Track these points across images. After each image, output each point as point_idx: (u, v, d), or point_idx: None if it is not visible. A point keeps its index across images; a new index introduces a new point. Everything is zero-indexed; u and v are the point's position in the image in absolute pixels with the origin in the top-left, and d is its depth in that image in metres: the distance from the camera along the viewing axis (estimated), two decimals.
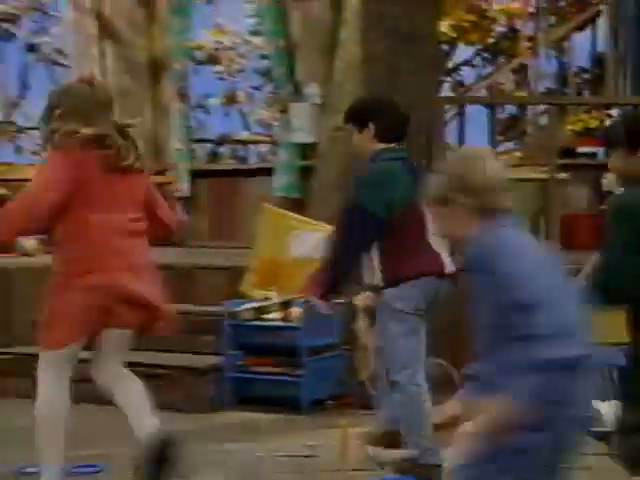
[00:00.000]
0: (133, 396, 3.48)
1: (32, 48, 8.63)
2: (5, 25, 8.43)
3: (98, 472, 3.68)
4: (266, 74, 8.70)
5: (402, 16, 5.22)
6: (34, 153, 8.62)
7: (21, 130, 8.69)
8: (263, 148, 9.10)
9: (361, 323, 4.97)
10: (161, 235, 3.58)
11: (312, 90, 7.38)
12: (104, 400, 4.74)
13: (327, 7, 7.08)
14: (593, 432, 3.14)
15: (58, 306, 3.27)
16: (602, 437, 3.42)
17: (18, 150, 8.59)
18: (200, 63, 8.76)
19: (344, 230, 3.64)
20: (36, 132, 8.68)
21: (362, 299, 5.02)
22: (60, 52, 8.36)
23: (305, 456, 3.92)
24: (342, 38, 5.47)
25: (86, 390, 4.88)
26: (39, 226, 3.28)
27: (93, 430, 4.37)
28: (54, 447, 3.31)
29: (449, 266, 3.60)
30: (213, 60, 8.76)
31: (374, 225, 3.53)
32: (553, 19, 10.21)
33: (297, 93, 7.58)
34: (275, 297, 5.07)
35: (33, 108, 8.40)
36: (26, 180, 8.24)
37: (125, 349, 3.53)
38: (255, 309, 5.00)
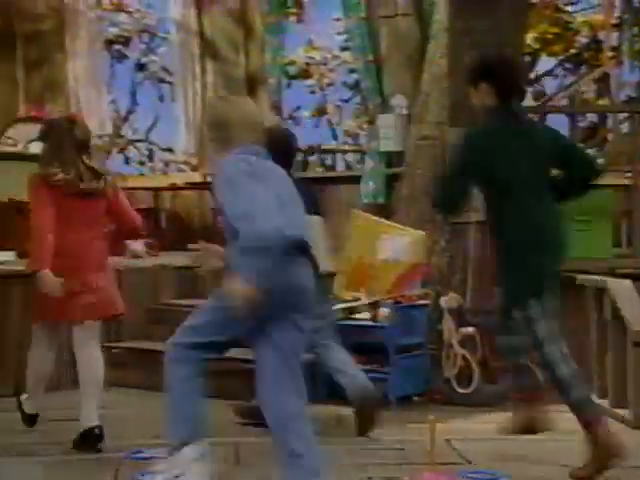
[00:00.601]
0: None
1: (141, 67, 8.91)
2: (117, 47, 8.73)
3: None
4: (354, 87, 8.74)
5: (489, 29, 5.15)
6: (141, 163, 8.90)
7: (130, 142, 8.98)
8: (350, 157, 9.13)
9: (447, 323, 4.94)
10: (129, 233, 4.33)
11: (399, 101, 7.36)
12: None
13: (414, 23, 7.07)
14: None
15: None
16: None
17: (127, 161, 8.89)
18: (292, 77, 8.87)
19: None
20: (143, 144, 8.97)
21: (448, 300, 5.00)
22: (166, 70, 8.60)
23: (395, 449, 3.91)
24: (429, 52, 5.43)
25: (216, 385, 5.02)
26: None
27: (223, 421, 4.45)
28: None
29: None
30: (305, 75, 8.85)
31: None
32: (636, 30, 9.91)
33: (384, 104, 7.58)
34: (364, 298, 5.07)
35: (140, 122, 8.69)
36: (134, 189, 8.55)
37: None
38: (345, 309, 5.01)
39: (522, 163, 3.43)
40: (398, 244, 5.10)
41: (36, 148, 7.36)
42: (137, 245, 6.67)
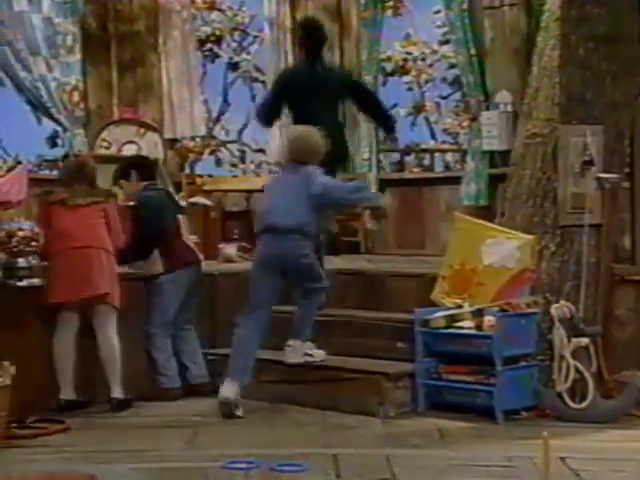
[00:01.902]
0: None
1: (233, 66, 9.07)
2: (209, 46, 8.93)
3: (303, 471, 3.77)
4: (454, 83, 8.65)
5: (604, 18, 5.01)
6: (233, 165, 9.05)
7: (221, 144, 9.15)
8: (449, 157, 9.04)
9: (558, 333, 4.82)
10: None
11: (503, 98, 7.26)
12: (304, 402, 4.93)
13: (522, 13, 6.96)
14: None
15: None
16: None
17: (218, 162, 9.05)
18: (389, 74, 8.85)
19: None
20: (234, 145, 9.12)
21: (559, 308, 4.88)
22: (259, 69, 8.74)
23: (503, 466, 3.84)
24: (539, 43, 5.32)
25: (286, 391, 5.09)
26: None
27: (290, 431, 4.51)
28: None
29: None
30: (402, 71, 8.82)
31: None
32: None
33: (488, 101, 7.49)
34: (467, 306, 5.01)
35: (232, 123, 8.84)
36: (226, 191, 8.72)
37: None
38: (447, 317, 4.96)
39: (314, 94, 5.30)
40: (504, 249, 5.03)
41: (130, 151, 7.64)
42: (230, 249, 6.80)
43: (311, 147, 4.94)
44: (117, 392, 4.91)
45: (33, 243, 4.72)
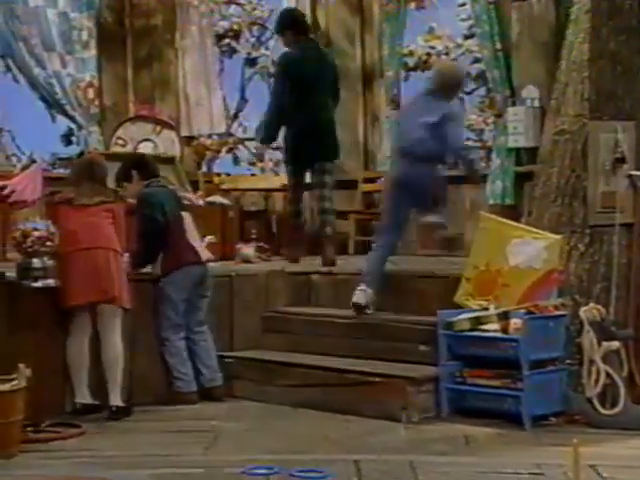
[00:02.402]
0: None
1: (251, 62, 9.07)
2: (227, 41, 8.93)
3: (325, 477, 3.77)
4: (478, 78, 8.61)
5: (636, 10, 4.96)
6: (251, 164, 9.05)
7: (239, 141, 9.16)
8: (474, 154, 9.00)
9: (587, 337, 4.79)
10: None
11: (531, 93, 7.22)
12: (325, 407, 4.93)
13: (550, 5, 6.91)
14: None
15: None
16: None
17: (236, 161, 9.06)
18: (412, 69, 8.82)
19: None
20: (252, 143, 9.12)
21: (589, 311, 4.84)
22: None
23: (532, 474, 3.81)
24: (568, 37, 5.28)
25: (307, 395, 5.09)
26: None
27: (311, 436, 4.51)
28: None
29: None
30: (425, 66, 8.78)
31: None
32: None
33: (514, 96, 7.45)
34: (492, 308, 4.98)
35: (250, 120, 8.84)
36: (244, 190, 8.71)
37: None
38: (472, 319, 4.94)
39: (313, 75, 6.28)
40: (531, 249, 5.01)
41: (146, 149, 7.67)
42: (247, 249, 6.80)
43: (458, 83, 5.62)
44: (116, 399, 4.88)
45: (48, 243, 4.74)
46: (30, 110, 8.10)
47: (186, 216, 5.49)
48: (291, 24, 6.48)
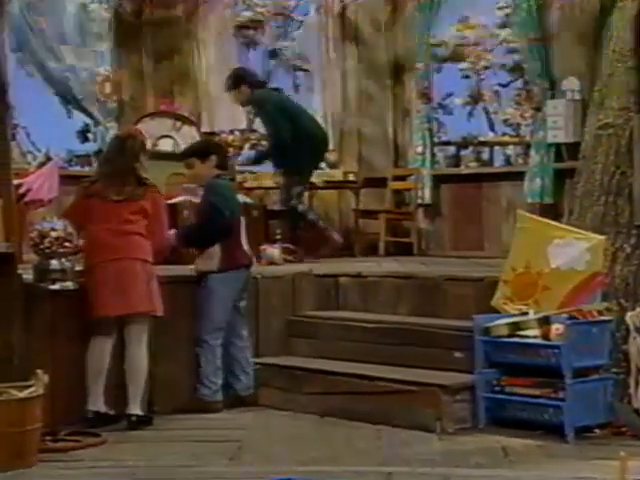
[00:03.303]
0: None
1: (274, 54, 9.09)
2: (249, 32, 8.96)
3: None
4: (515, 70, 8.58)
5: None
6: None
7: (263, 137, 9.17)
8: (511, 150, 8.96)
9: (635, 343, 4.75)
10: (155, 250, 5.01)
11: (571, 85, 7.19)
12: (355, 416, 4.93)
13: None
14: None
15: None
16: None
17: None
18: (443, 60, 8.80)
19: None
20: None
21: (635, 316, 4.80)
22: (302, 57, 8.76)
23: None
24: (612, 25, 5.24)
25: (335, 404, 5.10)
26: None
27: (340, 447, 4.52)
28: None
29: None
30: (457, 57, 8.76)
31: None
32: None
33: (553, 89, 7.42)
34: (532, 312, 4.97)
35: None
36: (268, 188, 8.72)
37: None
38: (510, 324, 4.92)
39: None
40: (573, 250, 4.99)
41: (166, 145, 7.71)
42: (273, 250, 6.82)
43: None
44: (136, 408, 4.86)
45: (66, 244, 4.77)
46: (45, 105, 8.17)
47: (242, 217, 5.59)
48: (244, 78, 7.26)
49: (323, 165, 8.49)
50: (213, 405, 5.27)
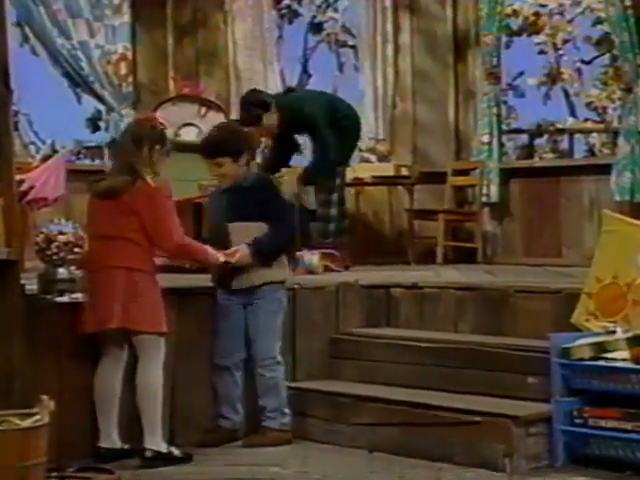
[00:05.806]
0: None
1: (316, 28, 9.17)
2: (287, 2, 9.06)
3: None
4: (601, 43, 8.53)
5: None
6: None
7: None
8: (595, 139, 8.93)
9: None
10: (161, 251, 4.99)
11: None
12: (409, 451, 4.94)
13: None
14: None
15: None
16: None
17: (298, 149, 9.14)
18: (515, 34, 8.79)
19: None
20: None
21: None
22: (348, 31, 8.81)
23: None
24: None
25: (388, 437, 5.11)
26: None
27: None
28: None
29: None
30: (532, 29, 8.74)
31: None
32: None
33: None
34: (621, 331, 4.95)
35: None
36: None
37: None
38: (594, 345, 4.92)
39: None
40: None
41: (189, 134, 7.81)
42: (311, 256, 6.86)
43: None
44: (151, 441, 4.82)
45: (76, 250, 4.81)
46: (51, 89, 8.32)
47: None
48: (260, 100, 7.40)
49: (373, 158, 8.55)
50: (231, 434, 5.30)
